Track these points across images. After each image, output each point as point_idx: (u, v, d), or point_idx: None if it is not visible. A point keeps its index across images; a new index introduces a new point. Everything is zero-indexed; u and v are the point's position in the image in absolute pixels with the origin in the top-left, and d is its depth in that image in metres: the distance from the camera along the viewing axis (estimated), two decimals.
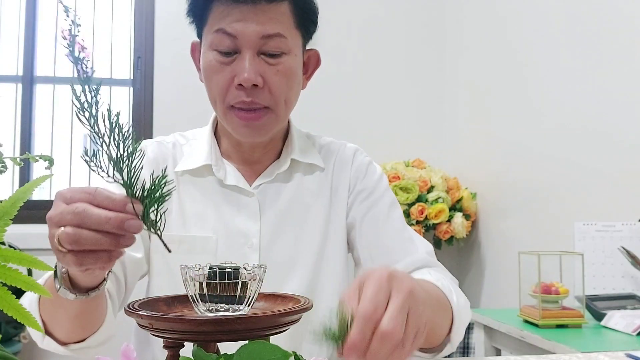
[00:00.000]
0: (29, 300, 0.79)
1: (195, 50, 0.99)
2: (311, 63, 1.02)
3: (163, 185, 0.55)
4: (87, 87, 0.52)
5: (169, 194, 0.56)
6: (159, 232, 0.56)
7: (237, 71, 0.90)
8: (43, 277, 0.77)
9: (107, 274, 0.71)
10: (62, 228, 0.57)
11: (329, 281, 1.03)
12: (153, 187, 0.55)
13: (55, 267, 0.67)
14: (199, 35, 0.97)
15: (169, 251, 0.58)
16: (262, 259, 0.98)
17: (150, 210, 0.55)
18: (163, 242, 0.57)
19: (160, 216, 0.56)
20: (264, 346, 0.47)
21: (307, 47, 1.01)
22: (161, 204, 0.56)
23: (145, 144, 1.06)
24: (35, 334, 0.79)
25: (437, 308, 0.79)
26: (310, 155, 1.06)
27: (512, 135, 2.22)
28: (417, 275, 0.90)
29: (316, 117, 2.28)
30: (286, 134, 1.07)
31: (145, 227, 0.56)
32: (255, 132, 0.96)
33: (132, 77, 2.75)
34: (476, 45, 2.56)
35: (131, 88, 2.75)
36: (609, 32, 1.71)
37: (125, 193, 0.56)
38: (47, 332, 0.79)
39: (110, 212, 0.56)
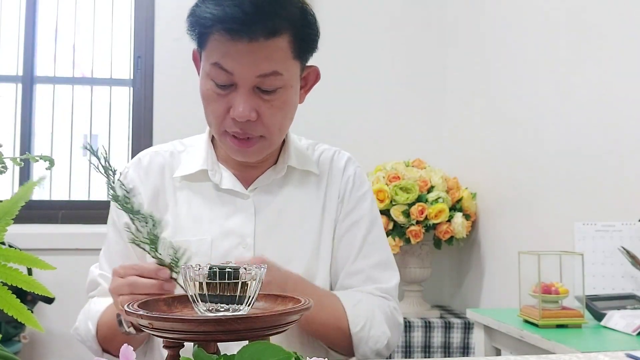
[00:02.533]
0: (85, 330, 0.98)
1: (196, 59, 0.99)
2: (310, 79, 1.03)
3: (182, 254, 0.75)
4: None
5: (187, 262, 0.73)
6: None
7: (232, 104, 0.92)
8: (98, 310, 0.97)
9: None
10: (121, 296, 0.78)
11: (323, 280, 1.04)
12: (174, 257, 0.75)
13: (118, 315, 0.86)
14: (199, 49, 0.97)
15: None
16: None
17: (178, 271, 0.74)
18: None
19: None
20: (265, 347, 0.47)
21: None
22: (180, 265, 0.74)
23: (140, 155, 1.09)
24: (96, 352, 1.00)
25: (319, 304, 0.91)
26: (306, 162, 1.08)
27: (512, 135, 2.22)
28: (342, 294, 1.00)
29: (316, 117, 2.28)
30: (283, 141, 1.08)
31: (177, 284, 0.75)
32: (248, 156, 0.99)
33: (132, 77, 2.75)
34: (476, 45, 2.56)
35: (131, 88, 2.75)
36: (609, 32, 1.71)
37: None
38: (104, 350, 0.98)
39: (153, 280, 0.75)
